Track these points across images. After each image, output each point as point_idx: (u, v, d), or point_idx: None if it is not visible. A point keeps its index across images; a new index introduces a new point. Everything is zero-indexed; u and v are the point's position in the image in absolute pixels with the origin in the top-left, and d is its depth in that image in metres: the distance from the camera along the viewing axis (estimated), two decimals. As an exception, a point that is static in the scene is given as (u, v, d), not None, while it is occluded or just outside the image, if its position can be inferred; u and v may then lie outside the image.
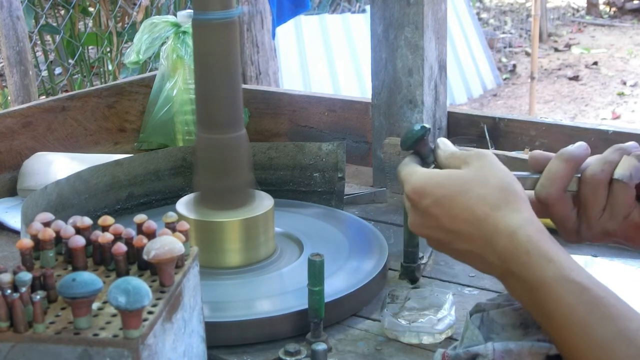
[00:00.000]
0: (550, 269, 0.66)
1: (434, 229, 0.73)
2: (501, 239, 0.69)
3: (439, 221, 0.72)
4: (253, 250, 1.02)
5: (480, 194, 0.71)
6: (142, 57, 1.54)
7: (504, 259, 0.69)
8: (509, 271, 0.69)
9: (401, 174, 0.77)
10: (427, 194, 0.73)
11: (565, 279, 0.66)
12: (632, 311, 0.65)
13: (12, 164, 1.39)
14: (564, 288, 0.65)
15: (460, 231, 0.71)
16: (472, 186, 0.72)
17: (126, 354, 0.62)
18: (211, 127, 1.01)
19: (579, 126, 1.31)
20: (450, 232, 0.72)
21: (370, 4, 1.34)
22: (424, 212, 0.73)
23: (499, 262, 0.69)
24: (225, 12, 0.98)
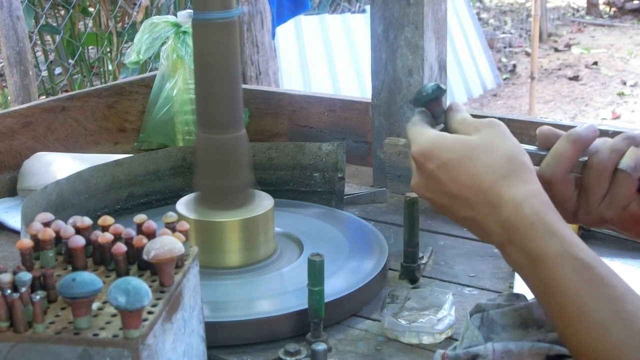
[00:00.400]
0: (553, 243, 0.66)
1: (438, 193, 0.72)
2: (506, 209, 0.68)
3: (443, 186, 0.72)
4: (253, 250, 1.02)
5: (487, 162, 0.70)
6: (142, 57, 1.54)
7: (507, 229, 0.68)
8: (510, 241, 0.68)
9: (410, 132, 0.75)
10: (434, 157, 0.72)
11: (568, 254, 0.65)
12: (632, 293, 0.64)
13: (12, 164, 1.39)
14: (565, 263, 0.65)
15: (464, 197, 0.70)
16: (480, 153, 0.71)
17: (126, 354, 0.62)
18: (211, 127, 1.01)
19: (579, 126, 1.30)
20: (454, 197, 0.71)
21: (370, 4, 1.34)
22: (429, 175, 0.72)
23: (501, 231, 0.69)
24: (225, 12, 0.98)
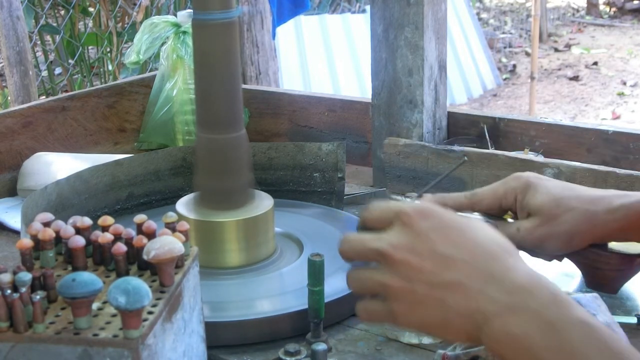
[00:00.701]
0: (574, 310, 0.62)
1: (422, 254, 0.65)
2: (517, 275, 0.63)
3: (434, 245, 0.65)
4: (253, 250, 1.02)
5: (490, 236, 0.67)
6: (142, 57, 1.54)
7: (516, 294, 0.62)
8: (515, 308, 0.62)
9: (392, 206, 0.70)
10: (431, 217, 0.67)
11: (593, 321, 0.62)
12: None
13: (12, 164, 1.39)
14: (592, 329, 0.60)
15: (457, 259, 0.64)
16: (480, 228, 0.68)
17: (126, 354, 0.62)
18: (211, 127, 1.01)
19: (579, 126, 1.31)
20: (444, 258, 0.64)
21: (370, 4, 1.34)
22: (418, 234, 0.66)
23: (505, 298, 0.62)
24: (225, 12, 0.98)
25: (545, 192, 0.88)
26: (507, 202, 0.92)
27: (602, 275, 0.91)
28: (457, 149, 1.27)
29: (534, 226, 0.89)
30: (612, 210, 0.86)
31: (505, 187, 0.92)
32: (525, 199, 0.90)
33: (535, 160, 1.19)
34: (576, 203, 0.87)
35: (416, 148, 1.30)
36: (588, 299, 0.77)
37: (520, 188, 0.90)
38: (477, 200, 0.93)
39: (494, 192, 0.93)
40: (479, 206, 0.94)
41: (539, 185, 0.89)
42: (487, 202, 0.93)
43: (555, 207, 0.87)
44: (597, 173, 1.14)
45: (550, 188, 0.89)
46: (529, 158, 1.21)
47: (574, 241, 0.88)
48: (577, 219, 0.87)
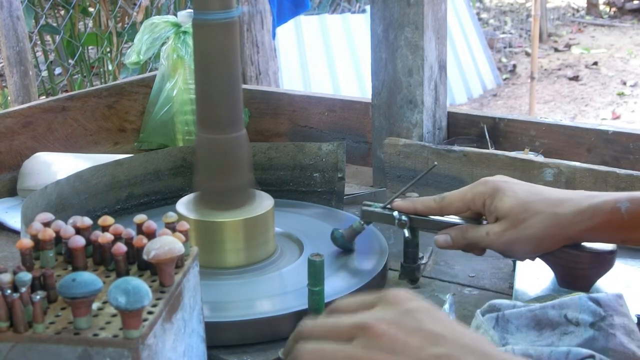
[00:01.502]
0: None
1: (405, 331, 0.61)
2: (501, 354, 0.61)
3: (421, 323, 0.62)
4: (253, 250, 1.02)
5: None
6: (143, 57, 1.54)
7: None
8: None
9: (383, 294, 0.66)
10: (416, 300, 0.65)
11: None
12: None
13: (12, 164, 1.39)
14: None
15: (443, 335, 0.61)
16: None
17: (126, 354, 0.62)
18: (211, 127, 1.01)
19: (579, 126, 1.31)
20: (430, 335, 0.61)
21: (370, 4, 1.34)
22: (406, 313, 0.63)
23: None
24: (226, 12, 0.98)
25: (513, 197, 0.90)
26: (475, 206, 0.93)
27: (574, 274, 0.92)
28: (457, 149, 1.27)
29: (502, 230, 0.90)
30: (580, 211, 0.87)
31: (474, 192, 0.93)
32: (493, 204, 0.91)
33: (535, 160, 1.19)
34: (543, 206, 0.88)
35: (416, 148, 1.30)
36: (609, 298, 0.77)
37: (488, 193, 0.92)
38: (446, 205, 0.95)
39: (463, 197, 0.94)
40: (447, 210, 0.95)
41: (507, 190, 0.91)
42: (455, 206, 0.95)
43: (523, 212, 0.89)
44: (597, 173, 1.14)
45: (517, 192, 0.90)
46: (529, 158, 1.21)
47: (543, 244, 0.90)
48: (544, 222, 0.88)
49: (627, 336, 0.74)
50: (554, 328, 0.75)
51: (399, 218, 0.97)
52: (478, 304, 0.84)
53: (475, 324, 0.78)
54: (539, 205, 0.89)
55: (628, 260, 1.02)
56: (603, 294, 0.78)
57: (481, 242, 0.93)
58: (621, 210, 0.86)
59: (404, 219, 0.97)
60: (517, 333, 0.76)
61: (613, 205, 0.86)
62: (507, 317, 0.77)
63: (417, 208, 0.97)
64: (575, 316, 0.75)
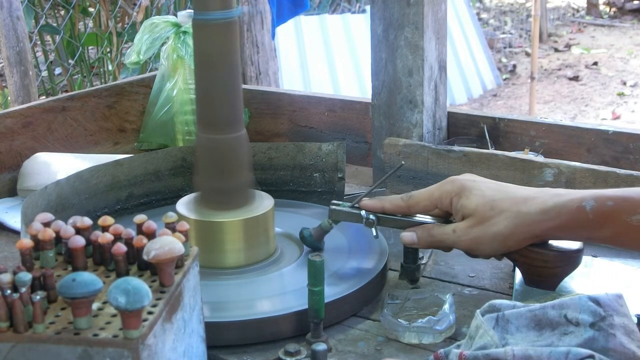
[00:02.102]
0: None
1: None
2: None
3: None
4: (253, 250, 1.02)
5: None
6: (143, 57, 1.54)
7: None
8: None
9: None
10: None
11: None
12: None
13: (12, 164, 1.39)
14: None
15: None
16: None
17: (126, 354, 0.62)
18: (211, 127, 1.01)
19: (579, 126, 1.31)
20: None
21: (370, 4, 1.34)
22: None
23: None
24: (225, 12, 0.98)
25: (479, 195, 0.91)
26: (442, 205, 0.95)
27: (540, 272, 0.92)
28: (457, 149, 1.27)
29: (468, 227, 0.91)
30: (545, 210, 0.88)
31: (441, 191, 0.94)
32: (460, 202, 0.92)
33: (535, 160, 1.19)
34: (509, 204, 0.89)
35: (416, 148, 1.30)
36: (609, 298, 0.77)
37: (455, 191, 0.93)
38: (413, 203, 0.96)
39: (430, 195, 0.95)
40: (415, 209, 0.96)
41: (473, 188, 0.92)
42: (423, 205, 0.96)
43: (489, 210, 0.90)
44: (597, 173, 1.14)
45: (484, 190, 0.91)
46: (529, 158, 1.21)
47: (508, 242, 0.90)
48: (510, 220, 0.89)
49: (627, 336, 0.74)
50: (554, 328, 0.75)
51: (367, 217, 0.98)
52: (478, 304, 0.84)
53: (475, 324, 0.78)
54: (505, 203, 0.89)
55: (628, 260, 1.02)
56: (603, 294, 0.78)
57: (447, 240, 0.94)
58: (586, 209, 0.86)
59: (371, 218, 0.98)
60: (517, 333, 0.75)
61: (578, 204, 0.87)
62: (507, 317, 0.77)
63: (385, 207, 0.98)
64: (575, 316, 0.75)
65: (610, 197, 0.87)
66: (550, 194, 0.89)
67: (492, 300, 0.79)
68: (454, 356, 0.77)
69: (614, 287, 0.93)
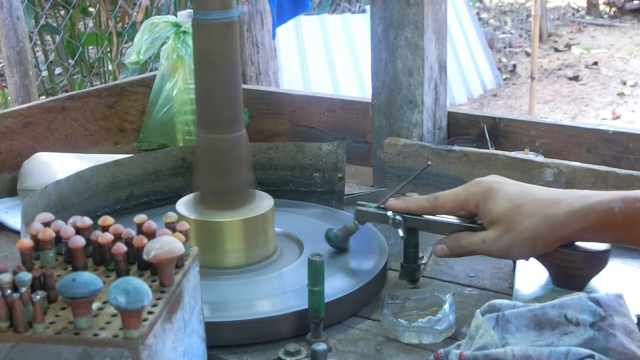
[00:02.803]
0: None
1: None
2: None
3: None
4: (253, 250, 1.02)
5: None
6: (143, 57, 1.54)
7: None
8: None
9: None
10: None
11: None
12: None
13: (12, 164, 1.39)
14: None
15: None
16: None
17: (126, 354, 0.62)
18: (211, 127, 1.01)
19: (579, 126, 1.31)
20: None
21: (370, 4, 1.34)
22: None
23: None
24: (225, 12, 0.98)
25: (506, 199, 0.90)
26: (468, 207, 0.94)
27: (568, 273, 0.92)
28: (457, 149, 1.27)
29: (497, 237, 0.91)
30: (573, 212, 0.87)
31: (467, 193, 0.94)
32: (487, 206, 0.91)
33: (535, 160, 1.19)
34: (536, 208, 0.89)
35: (416, 148, 1.30)
36: (609, 298, 0.77)
37: (482, 194, 0.92)
38: (439, 204, 0.95)
39: (456, 197, 0.95)
40: (441, 210, 0.96)
41: (500, 191, 0.91)
42: (449, 206, 0.95)
43: (516, 214, 0.89)
44: (597, 173, 1.14)
45: (510, 194, 0.91)
46: (529, 158, 1.21)
47: (537, 246, 0.90)
48: (537, 224, 0.88)
49: (627, 336, 0.74)
50: (553, 328, 0.75)
51: (393, 218, 0.98)
52: (478, 304, 0.84)
53: (475, 324, 0.78)
54: (532, 207, 0.89)
55: (628, 260, 1.02)
56: (603, 294, 0.78)
57: (478, 250, 0.93)
58: (614, 210, 0.86)
59: (398, 219, 0.98)
60: (517, 333, 0.76)
61: (607, 206, 0.86)
62: (507, 317, 0.77)
63: (410, 207, 0.97)
64: (575, 316, 0.75)
65: (638, 199, 0.86)
66: (577, 196, 0.89)
67: (492, 300, 0.79)
68: (453, 356, 0.77)
69: (614, 287, 0.93)
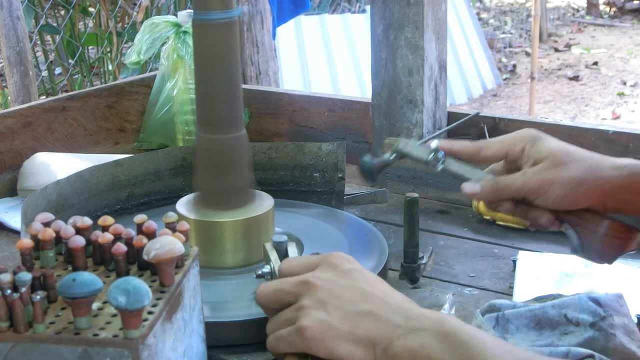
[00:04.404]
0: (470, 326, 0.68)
1: (341, 286, 0.74)
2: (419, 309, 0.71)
3: (353, 282, 0.74)
4: (253, 250, 1.02)
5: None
6: (143, 57, 1.54)
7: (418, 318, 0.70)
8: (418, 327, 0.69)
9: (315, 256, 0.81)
10: (354, 262, 0.77)
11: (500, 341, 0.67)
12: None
13: (12, 164, 1.39)
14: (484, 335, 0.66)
15: (371, 293, 0.73)
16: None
17: (126, 354, 0.62)
18: (211, 127, 1.01)
19: (579, 126, 1.31)
20: (361, 291, 0.73)
21: (370, 4, 1.34)
22: (342, 272, 0.75)
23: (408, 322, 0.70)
24: (225, 12, 0.98)
25: (555, 142, 0.88)
26: (514, 150, 0.90)
27: (599, 240, 0.86)
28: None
29: (541, 169, 0.86)
30: (618, 167, 0.85)
31: (515, 136, 0.91)
32: (535, 147, 0.88)
33: (535, 160, 1.19)
34: (585, 155, 0.87)
35: (416, 148, 1.30)
36: (609, 298, 0.77)
37: (530, 137, 0.89)
38: (484, 147, 0.92)
39: (502, 140, 0.91)
40: (484, 152, 0.92)
41: (549, 138, 0.89)
42: (494, 149, 0.91)
43: (565, 155, 0.86)
44: (597, 173, 1.13)
45: (558, 141, 0.89)
46: (529, 158, 1.20)
47: (579, 190, 0.85)
48: (585, 167, 0.85)
49: (627, 336, 0.74)
50: (553, 328, 0.75)
51: (435, 152, 0.92)
52: (478, 304, 0.84)
53: (475, 324, 0.78)
54: (581, 153, 0.87)
55: (628, 260, 1.02)
56: (603, 294, 0.78)
57: (514, 183, 0.88)
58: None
59: (440, 155, 0.92)
60: (517, 333, 0.76)
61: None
62: (507, 317, 0.77)
63: (453, 147, 0.93)
64: (575, 316, 0.75)
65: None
66: (624, 160, 0.87)
67: (492, 300, 0.79)
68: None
69: (614, 287, 0.93)
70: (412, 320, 0.69)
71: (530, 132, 0.91)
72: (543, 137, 0.89)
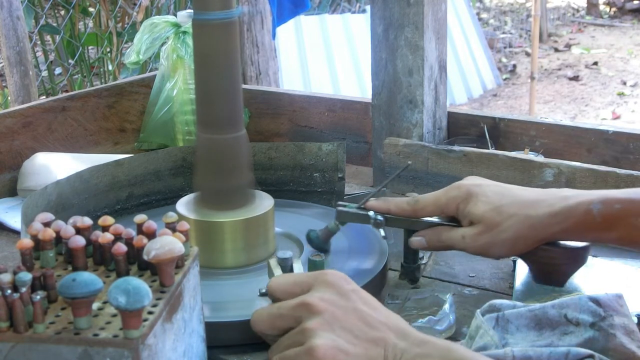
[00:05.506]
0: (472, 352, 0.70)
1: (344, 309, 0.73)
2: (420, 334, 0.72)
3: (355, 304, 0.74)
4: (253, 250, 1.02)
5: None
6: (143, 57, 1.54)
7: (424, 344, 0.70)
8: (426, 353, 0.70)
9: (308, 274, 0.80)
10: (351, 281, 0.77)
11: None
12: None
13: (12, 164, 1.39)
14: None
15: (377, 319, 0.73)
16: None
17: (126, 354, 0.62)
18: (211, 127, 1.01)
19: (579, 126, 1.31)
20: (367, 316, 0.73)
21: (370, 4, 1.34)
22: (343, 294, 0.75)
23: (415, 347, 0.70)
24: (225, 12, 0.98)
25: (486, 201, 0.91)
26: (449, 210, 0.94)
27: (549, 269, 0.93)
28: (457, 149, 1.27)
29: (477, 234, 0.91)
30: (553, 214, 0.88)
31: (447, 197, 0.94)
32: (467, 209, 0.92)
33: (535, 160, 1.19)
34: (516, 209, 0.90)
35: (416, 148, 1.30)
36: (609, 298, 0.77)
37: (462, 197, 0.93)
38: (419, 208, 0.96)
39: (436, 201, 0.95)
40: (421, 213, 0.96)
41: (480, 194, 0.92)
42: (429, 210, 0.96)
43: (496, 215, 0.90)
44: (597, 173, 1.14)
45: (490, 196, 0.91)
46: (529, 158, 1.21)
47: (517, 246, 0.91)
48: (518, 225, 0.89)
49: (627, 336, 0.74)
50: (553, 328, 0.75)
51: (375, 218, 0.98)
52: (478, 304, 0.84)
53: (475, 324, 0.78)
54: (512, 208, 0.90)
55: (628, 260, 1.02)
56: (603, 294, 0.78)
57: (456, 245, 0.94)
58: (593, 212, 0.87)
59: (379, 219, 0.98)
60: (517, 333, 0.76)
61: (586, 207, 0.87)
62: (507, 317, 0.77)
63: (391, 209, 0.98)
64: (575, 316, 0.75)
65: (618, 200, 0.87)
66: (558, 197, 0.89)
67: (492, 300, 0.79)
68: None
69: (614, 287, 0.93)
70: (418, 346, 0.70)
71: (461, 190, 0.94)
72: (474, 196, 0.92)
